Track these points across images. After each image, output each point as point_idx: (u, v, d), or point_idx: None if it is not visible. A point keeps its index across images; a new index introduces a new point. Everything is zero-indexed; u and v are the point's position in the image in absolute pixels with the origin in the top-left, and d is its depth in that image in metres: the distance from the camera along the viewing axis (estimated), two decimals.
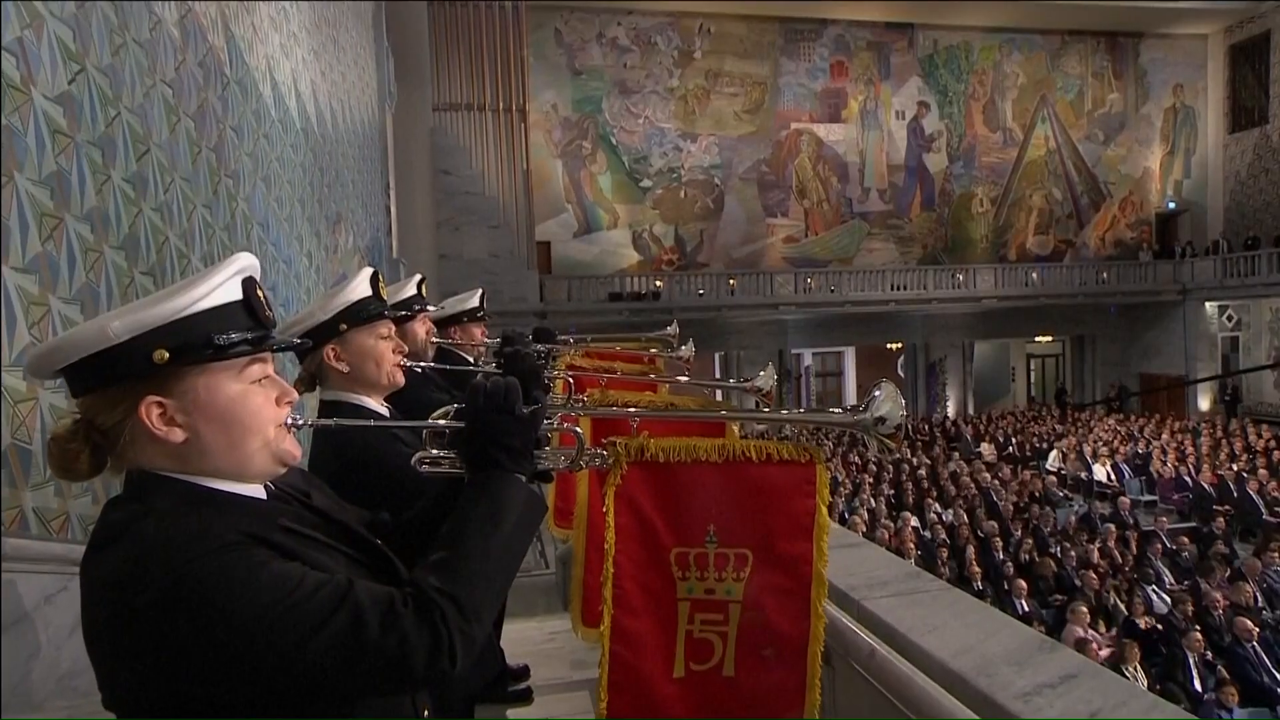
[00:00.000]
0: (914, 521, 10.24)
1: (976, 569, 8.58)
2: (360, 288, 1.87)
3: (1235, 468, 12.66)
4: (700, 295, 19.62)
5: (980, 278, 21.25)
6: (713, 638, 1.44)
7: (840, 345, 24.55)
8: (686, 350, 3.37)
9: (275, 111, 5.67)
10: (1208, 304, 21.55)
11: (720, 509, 1.45)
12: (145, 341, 1.00)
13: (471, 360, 3.46)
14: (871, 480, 12.90)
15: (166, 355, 1.01)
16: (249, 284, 1.11)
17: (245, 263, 1.12)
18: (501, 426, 1.21)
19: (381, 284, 1.98)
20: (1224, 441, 15.01)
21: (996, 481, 12.72)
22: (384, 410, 1.92)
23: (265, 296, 1.14)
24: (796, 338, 22.46)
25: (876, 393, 1.41)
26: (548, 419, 1.29)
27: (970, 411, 22.88)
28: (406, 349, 2.02)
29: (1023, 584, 8.06)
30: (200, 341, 1.03)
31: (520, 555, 1.16)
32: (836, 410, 1.41)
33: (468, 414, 1.23)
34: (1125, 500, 11.56)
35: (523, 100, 17.42)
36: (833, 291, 20.45)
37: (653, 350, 3.44)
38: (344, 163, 8.52)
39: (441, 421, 1.27)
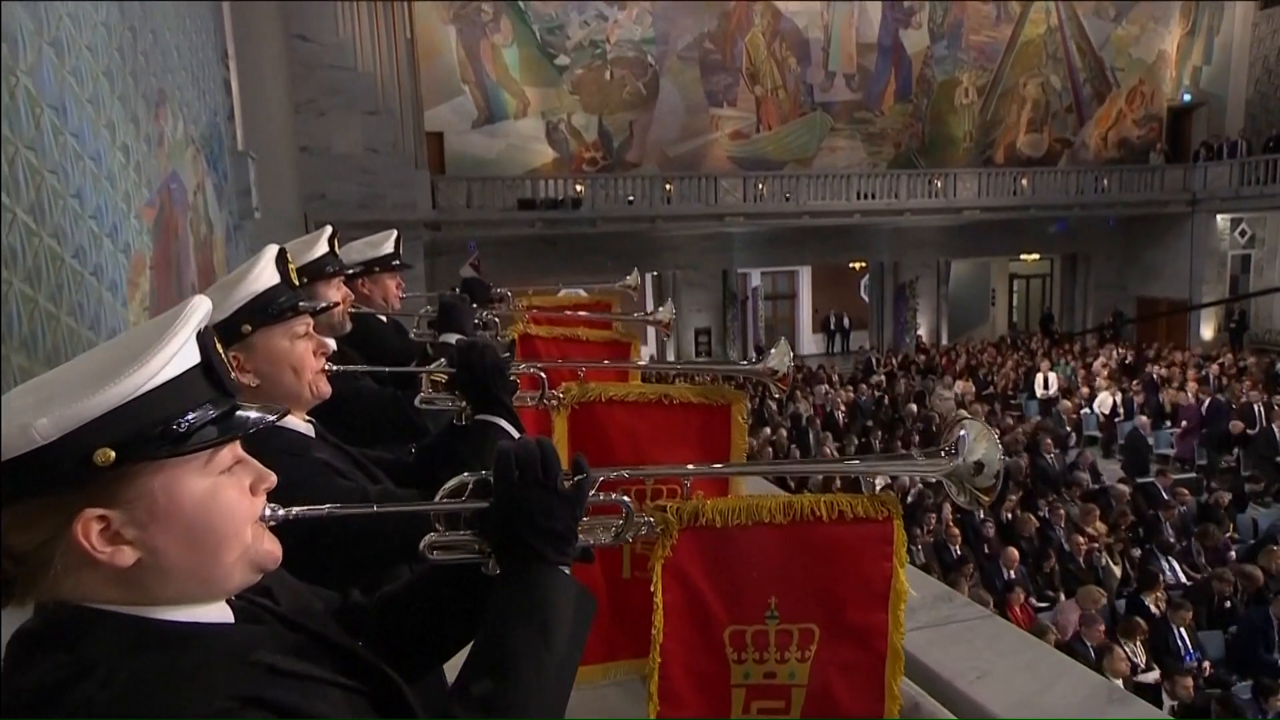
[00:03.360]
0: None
1: (955, 530, 8.98)
2: (264, 274, 1.76)
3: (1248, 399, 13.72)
4: (629, 203, 19.52)
5: (961, 184, 21.74)
6: None
7: (794, 264, 24.91)
8: (665, 313, 3.35)
9: None
10: (1219, 217, 22.58)
11: (783, 578, 1.48)
12: (81, 439, 0.91)
13: (385, 320, 3.38)
14: (842, 420, 13.34)
15: (112, 455, 0.92)
16: (205, 337, 1.04)
17: (204, 311, 1.05)
18: (541, 506, 1.19)
19: (290, 264, 1.89)
20: (1236, 375, 16.10)
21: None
22: (308, 428, 1.87)
23: (223, 352, 1.07)
24: (743, 255, 22.66)
25: (963, 432, 1.44)
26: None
27: (944, 341, 23.69)
28: (331, 347, 1.95)
29: (1014, 553, 8.49)
30: (155, 432, 0.95)
31: (574, 673, 1.16)
32: (922, 459, 1.44)
33: (497, 489, 1.21)
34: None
35: None
36: (787, 199, 20.62)
37: (618, 335, 3.38)
38: (164, 22, 7.92)
39: (458, 502, 1.24)
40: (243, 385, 1.73)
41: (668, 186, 19.85)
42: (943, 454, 1.42)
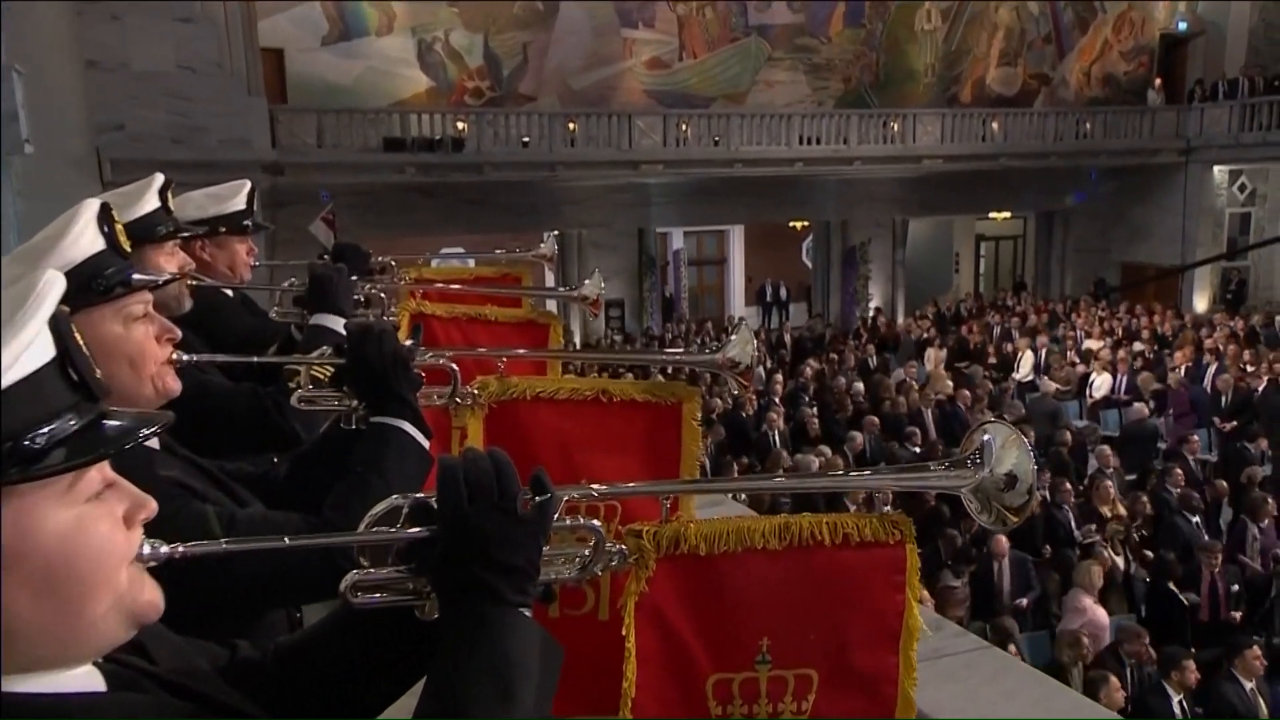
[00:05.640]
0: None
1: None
2: (84, 237, 1.68)
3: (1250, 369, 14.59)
4: (524, 145, 19.36)
5: (921, 128, 22.22)
6: None
7: (725, 223, 25.10)
8: (592, 287, 3.34)
9: None
10: (1216, 169, 23.64)
11: (777, 615, 1.51)
12: None
13: (230, 294, 3.30)
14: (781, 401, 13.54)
15: None
16: (61, 324, 1.00)
17: (60, 289, 1.02)
18: (498, 535, 1.19)
19: (117, 223, 1.83)
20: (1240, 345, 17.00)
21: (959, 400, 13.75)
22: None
23: (80, 340, 1.04)
24: (664, 211, 22.74)
25: (987, 436, 1.49)
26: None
27: (901, 314, 24.20)
28: (178, 334, 1.90)
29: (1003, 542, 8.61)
30: (3, 449, 0.92)
31: None
32: (941, 470, 1.48)
33: (443, 515, 1.20)
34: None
35: None
36: (716, 143, 20.76)
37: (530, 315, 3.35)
38: None
39: (393, 532, 1.23)
40: None
41: (571, 126, 19.73)
42: (968, 464, 1.46)
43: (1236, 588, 8.61)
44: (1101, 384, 15.40)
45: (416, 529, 1.23)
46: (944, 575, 8.13)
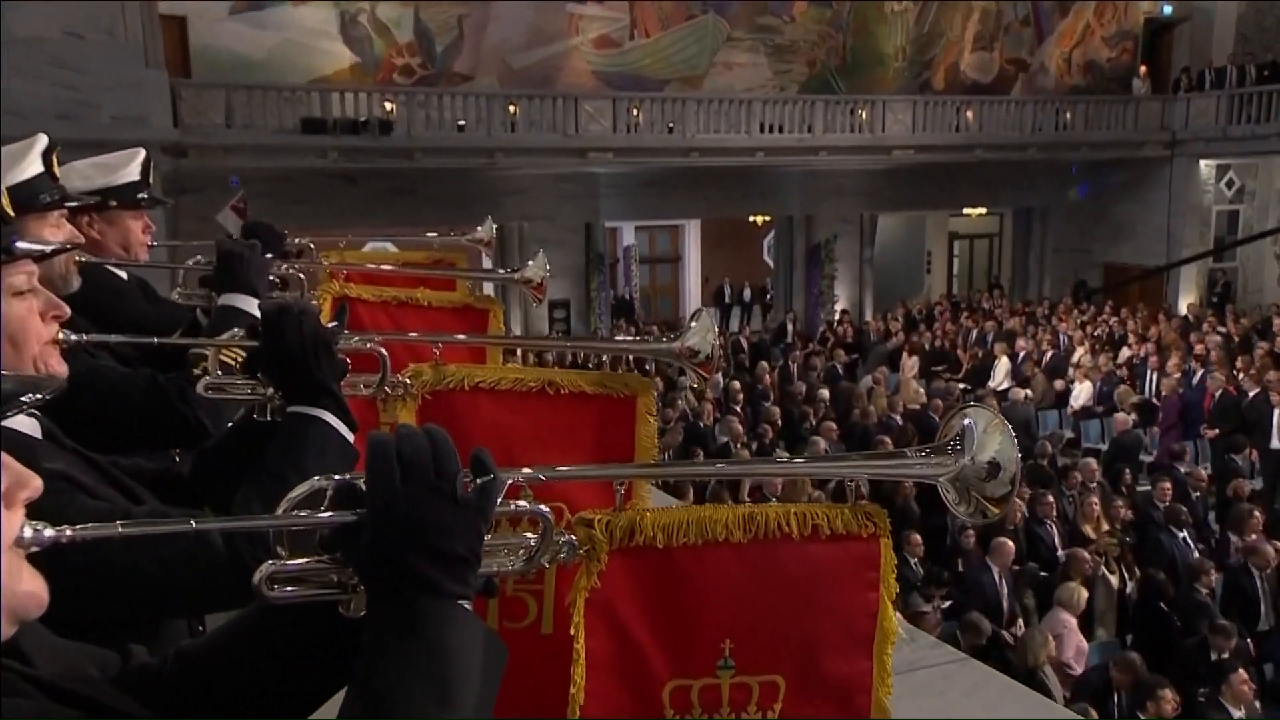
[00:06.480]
0: None
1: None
2: None
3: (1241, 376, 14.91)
4: (459, 129, 19.30)
5: (891, 116, 22.44)
6: None
7: (679, 217, 25.13)
8: (536, 269, 3.32)
9: None
10: (1203, 163, 24.07)
11: (741, 615, 1.50)
12: None
13: (124, 277, 3.24)
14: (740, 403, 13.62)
15: None
16: None
17: None
18: (435, 519, 1.16)
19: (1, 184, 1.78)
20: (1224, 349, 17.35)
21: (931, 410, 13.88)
22: (34, 425, 1.77)
23: None
24: (613, 203, 22.75)
25: (967, 421, 1.49)
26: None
27: (869, 317, 24.33)
28: (66, 311, 1.85)
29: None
30: None
31: None
32: (919, 457, 1.48)
33: (372, 498, 1.17)
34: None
35: None
36: (671, 130, 20.82)
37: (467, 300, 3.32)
38: None
39: (314, 516, 1.20)
40: None
41: (511, 109, 19.72)
42: (948, 450, 1.46)
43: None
44: (1081, 392, 15.63)
45: (342, 513, 1.19)
46: (914, 599, 8.18)
